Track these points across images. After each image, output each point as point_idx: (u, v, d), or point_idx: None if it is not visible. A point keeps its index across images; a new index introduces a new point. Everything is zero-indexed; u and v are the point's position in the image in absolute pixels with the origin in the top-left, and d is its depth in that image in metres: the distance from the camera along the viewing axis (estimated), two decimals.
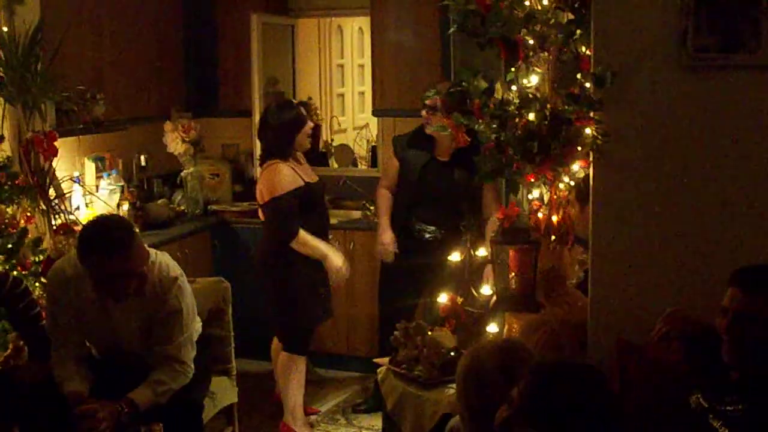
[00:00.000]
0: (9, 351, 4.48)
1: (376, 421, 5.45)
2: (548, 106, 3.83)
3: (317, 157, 7.66)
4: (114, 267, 3.84)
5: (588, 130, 3.73)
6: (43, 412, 4.03)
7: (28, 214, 5.04)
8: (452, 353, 4.11)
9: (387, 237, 5.75)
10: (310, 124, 5.49)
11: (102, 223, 4.09)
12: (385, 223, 5.80)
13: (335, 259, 5.41)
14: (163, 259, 4.13)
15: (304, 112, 5.49)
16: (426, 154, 5.65)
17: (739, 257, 3.41)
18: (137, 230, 4.04)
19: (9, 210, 4.94)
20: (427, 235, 5.61)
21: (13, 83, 5.04)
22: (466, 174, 5.42)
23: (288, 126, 5.37)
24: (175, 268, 4.14)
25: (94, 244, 3.89)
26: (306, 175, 5.46)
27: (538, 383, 2.56)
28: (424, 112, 5.51)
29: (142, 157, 6.64)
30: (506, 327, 4.09)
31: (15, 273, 4.66)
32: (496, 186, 5.45)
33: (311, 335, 5.76)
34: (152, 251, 4.16)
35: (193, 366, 4.09)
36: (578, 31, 3.86)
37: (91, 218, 4.44)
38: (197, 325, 4.31)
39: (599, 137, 3.68)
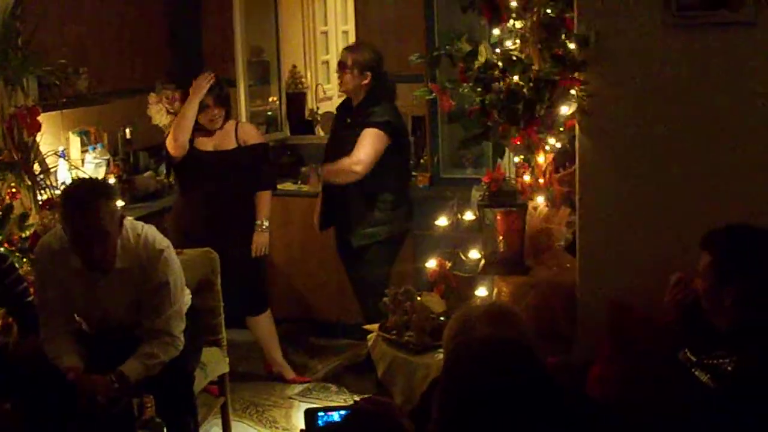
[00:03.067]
0: None
1: (367, 388, 5.46)
2: (533, 68, 3.82)
3: (303, 125, 7.63)
4: (79, 223, 3.84)
5: (573, 91, 3.72)
6: (34, 388, 4.02)
7: (13, 190, 5.02)
8: (442, 318, 4.12)
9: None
10: (213, 112, 5.53)
11: (80, 182, 4.25)
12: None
13: None
14: (149, 232, 4.11)
15: (208, 101, 5.51)
16: (342, 119, 5.68)
17: (726, 215, 3.41)
18: (117, 200, 4.01)
19: None
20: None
21: None
22: (352, 131, 5.44)
23: None
24: (161, 241, 4.12)
25: (65, 198, 3.99)
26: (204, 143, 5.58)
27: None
28: (337, 69, 5.57)
29: (127, 130, 6.59)
30: (495, 291, 4.09)
31: (1, 249, 4.65)
32: (368, 133, 5.37)
33: None
34: (138, 224, 4.15)
35: (182, 338, 4.08)
36: None
37: None
38: (186, 297, 4.30)
39: (584, 98, 3.67)
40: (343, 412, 2.53)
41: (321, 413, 2.56)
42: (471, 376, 2.47)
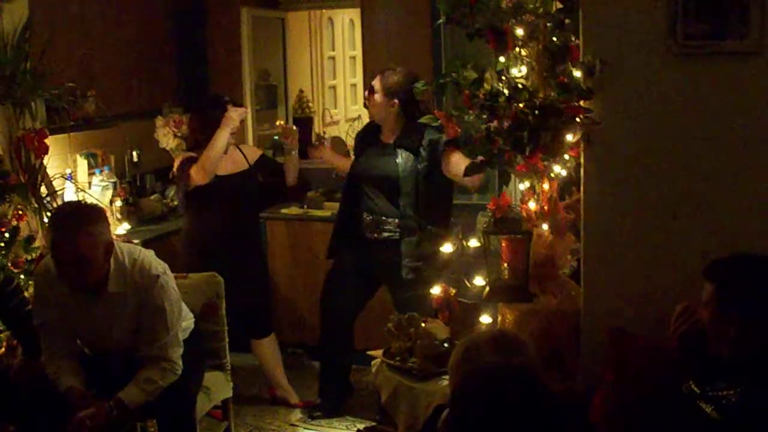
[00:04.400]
0: (2, 350, 4.48)
1: (369, 414, 5.45)
2: (538, 95, 3.82)
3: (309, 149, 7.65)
4: (57, 248, 3.86)
5: (578, 119, 3.73)
6: (39, 411, 4.02)
7: (20, 212, 5.03)
8: (446, 345, 4.12)
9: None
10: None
11: (63, 207, 4.33)
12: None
13: None
14: (145, 257, 4.11)
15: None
16: (372, 139, 5.44)
17: (731, 243, 3.41)
18: (104, 224, 3.97)
19: (0, 208, 4.93)
20: (385, 234, 5.30)
21: (2, 81, 5.02)
22: (411, 156, 5.18)
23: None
24: (157, 267, 4.12)
25: (49, 222, 4.05)
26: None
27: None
28: (366, 93, 5.44)
29: (135, 153, 6.61)
30: (499, 318, 4.09)
31: (7, 271, 4.66)
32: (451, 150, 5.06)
33: None
34: (136, 249, 4.16)
35: (181, 363, 4.08)
36: (567, 21, 3.86)
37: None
38: (185, 323, 4.30)
39: (589, 126, 3.68)
40: None
41: None
42: (478, 405, 2.47)
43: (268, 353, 5.85)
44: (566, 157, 3.96)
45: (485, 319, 4.11)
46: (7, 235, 4.85)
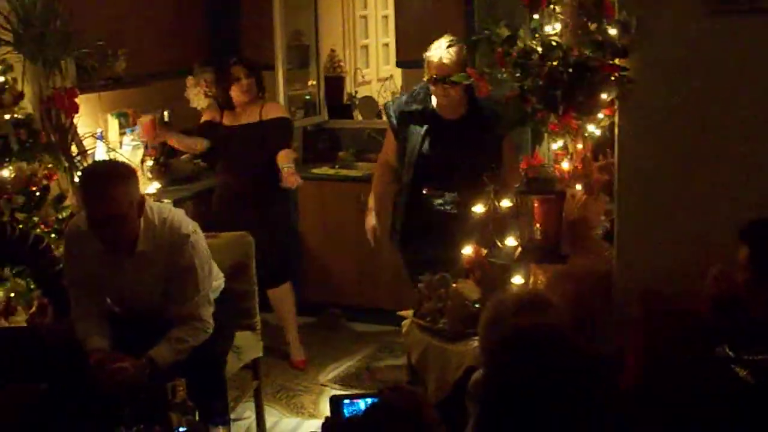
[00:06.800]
0: (34, 308, 4.49)
1: (400, 376, 5.44)
2: (572, 53, 3.76)
3: (340, 108, 7.61)
4: (91, 206, 3.87)
5: (612, 78, 3.67)
6: (69, 369, 4.04)
7: (50, 171, 5.03)
8: (476, 305, 4.08)
9: (368, 223, 5.35)
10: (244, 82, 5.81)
11: (96, 164, 4.42)
12: (369, 205, 5.40)
13: None
14: (175, 216, 4.10)
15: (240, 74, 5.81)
16: (423, 117, 4.99)
17: (766, 202, 3.36)
18: (136, 183, 3.96)
19: (31, 167, 4.93)
20: (448, 207, 4.95)
21: (32, 40, 5.00)
22: (477, 132, 4.82)
23: None
24: (187, 225, 4.10)
25: (81, 180, 4.13)
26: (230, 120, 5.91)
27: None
28: (441, 87, 4.86)
29: (165, 113, 6.59)
30: (532, 278, 4.05)
31: (38, 231, 4.67)
32: (511, 141, 4.88)
33: None
34: (166, 208, 4.15)
35: (212, 322, 4.08)
36: None
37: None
38: (216, 282, 4.29)
39: (624, 84, 3.62)
40: (369, 400, 2.49)
41: (346, 401, 2.54)
42: (509, 366, 2.44)
43: (280, 302, 5.89)
44: (600, 116, 3.91)
45: (517, 280, 4.07)
46: (37, 194, 4.86)
